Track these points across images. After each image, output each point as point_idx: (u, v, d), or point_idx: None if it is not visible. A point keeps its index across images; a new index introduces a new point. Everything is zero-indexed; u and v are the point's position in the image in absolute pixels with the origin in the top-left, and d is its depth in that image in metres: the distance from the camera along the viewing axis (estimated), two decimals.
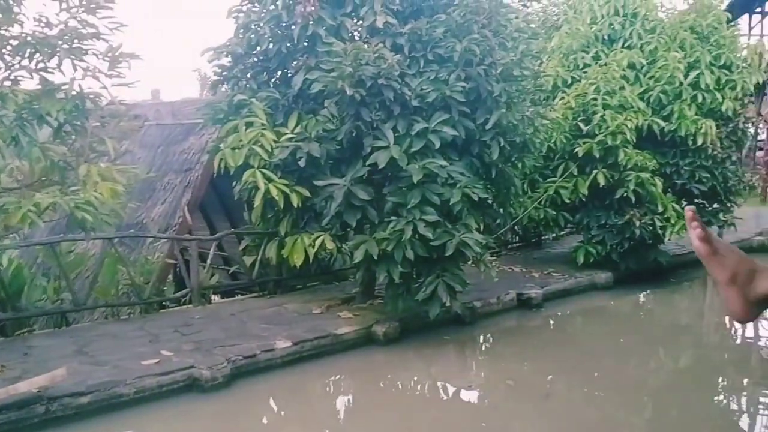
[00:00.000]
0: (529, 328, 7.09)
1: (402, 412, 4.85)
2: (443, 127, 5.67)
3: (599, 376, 5.70)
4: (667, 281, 9.35)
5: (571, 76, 9.13)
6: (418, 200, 5.53)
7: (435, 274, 5.71)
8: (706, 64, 8.99)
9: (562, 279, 8.31)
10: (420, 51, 5.95)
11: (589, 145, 8.25)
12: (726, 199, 9.50)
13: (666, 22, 9.45)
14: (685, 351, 6.85)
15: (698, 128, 8.69)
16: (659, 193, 8.52)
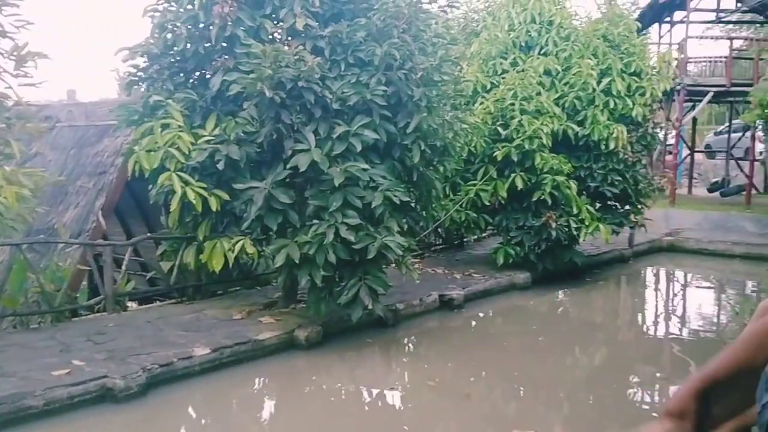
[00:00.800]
0: (450, 329, 7.18)
1: (325, 416, 4.82)
2: (364, 131, 5.68)
3: (518, 374, 5.83)
4: (583, 280, 9.68)
5: (490, 82, 9.33)
6: (339, 203, 5.52)
7: (357, 277, 5.72)
8: (617, 72, 9.35)
9: (482, 280, 8.47)
10: (341, 54, 5.95)
11: (507, 149, 8.44)
12: (637, 201, 9.90)
13: (580, 30, 9.78)
14: (600, 348, 7.09)
15: (610, 133, 9.03)
16: (574, 195, 8.80)
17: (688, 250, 12.56)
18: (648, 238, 12.02)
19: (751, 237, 12.77)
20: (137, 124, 5.96)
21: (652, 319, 8.79)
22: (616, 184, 9.36)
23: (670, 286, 11.47)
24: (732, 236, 12.76)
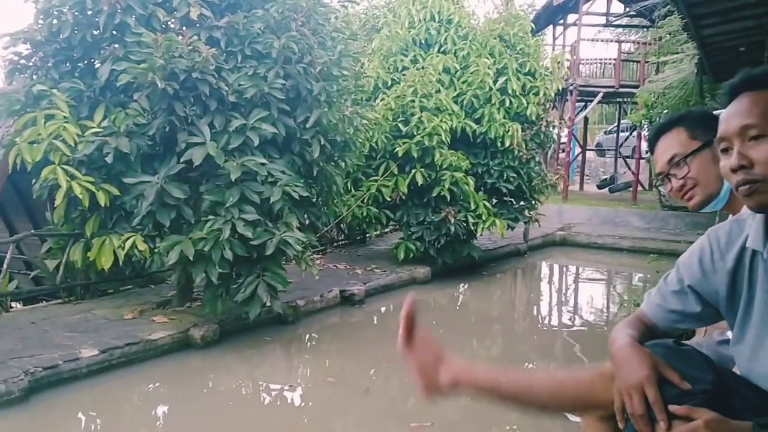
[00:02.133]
0: (351, 325, 7.19)
1: (223, 416, 4.70)
2: (262, 125, 5.58)
3: None
4: (480, 274, 9.93)
5: (391, 78, 9.40)
6: (236, 199, 5.40)
7: (255, 274, 5.61)
8: (512, 71, 9.63)
9: (383, 275, 8.53)
10: (237, 46, 5.82)
11: (407, 145, 8.53)
12: (531, 197, 10.25)
13: (477, 29, 10.00)
14: (498, 339, 7.28)
15: (506, 131, 9.29)
16: (472, 191, 9.01)
17: (579, 243, 13.13)
18: (542, 233, 12.48)
19: (636, 231, 13.48)
20: (19, 114, 5.61)
21: (546, 311, 9.11)
22: (511, 181, 9.64)
23: (563, 279, 11.94)
24: (619, 230, 13.44)
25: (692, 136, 2.01)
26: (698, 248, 1.58)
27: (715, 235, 1.57)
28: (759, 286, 1.47)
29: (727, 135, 1.40)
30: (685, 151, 2.01)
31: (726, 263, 1.51)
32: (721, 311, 1.56)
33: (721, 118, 1.43)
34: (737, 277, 1.50)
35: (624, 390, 1.44)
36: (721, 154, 1.42)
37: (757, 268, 1.47)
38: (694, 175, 2.01)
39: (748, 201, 1.38)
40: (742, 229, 1.52)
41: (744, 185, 1.36)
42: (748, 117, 1.37)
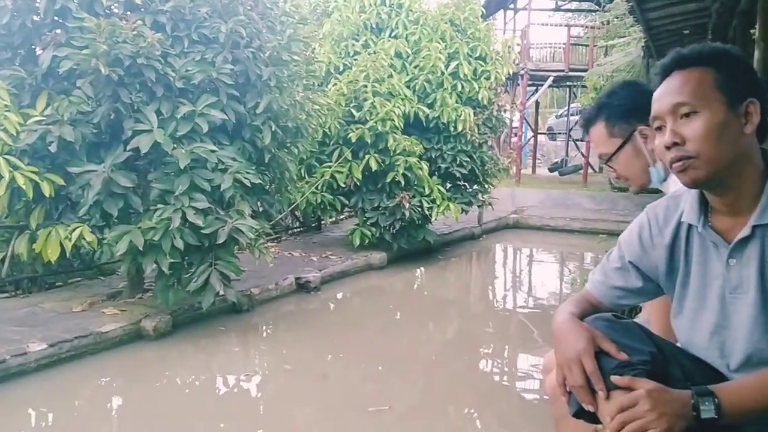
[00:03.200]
0: (308, 312, 7.16)
1: (178, 407, 4.64)
2: (211, 111, 5.48)
3: (375, 352, 5.90)
4: (436, 258, 10.00)
5: (343, 63, 9.34)
6: (186, 187, 5.30)
7: (207, 263, 5.53)
8: (464, 56, 9.66)
9: (339, 261, 8.52)
10: (184, 30, 5.69)
11: (361, 130, 8.50)
12: (484, 181, 10.34)
13: (428, 14, 9.99)
14: (454, 322, 7.33)
15: (458, 115, 9.33)
16: (426, 176, 9.04)
17: (532, 226, 13.33)
18: (496, 216, 12.61)
19: (587, 213, 13.74)
20: None
21: (501, 293, 9.22)
22: (464, 165, 9.70)
23: (517, 261, 12.10)
24: (571, 212, 13.67)
25: (611, 134, 2.06)
26: (637, 225, 1.62)
27: (653, 212, 1.61)
28: (695, 259, 1.51)
29: (659, 114, 1.43)
30: (608, 152, 2.06)
31: (664, 238, 1.55)
32: (661, 285, 1.60)
33: (654, 98, 1.46)
34: (675, 251, 1.55)
35: (564, 363, 1.47)
36: (656, 132, 1.45)
37: (693, 242, 1.52)
38: (621, 173, 2.08)
39: (682, 177, 1.41)
40: (678, 205, 1.56)
41: (678, 161, 1.38)
42: (679, 95, 1.40)
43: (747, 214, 1.42)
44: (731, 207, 1.45)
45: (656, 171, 2.05)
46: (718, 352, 1.48)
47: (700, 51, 1.46)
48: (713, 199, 1.48)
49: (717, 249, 1.47)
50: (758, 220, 1.40)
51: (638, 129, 2.04)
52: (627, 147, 2.05)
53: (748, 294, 1.42)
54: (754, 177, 1.41)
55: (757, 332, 1.41)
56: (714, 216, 1.49)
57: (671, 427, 1.30)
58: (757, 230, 1.41)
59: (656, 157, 2.03)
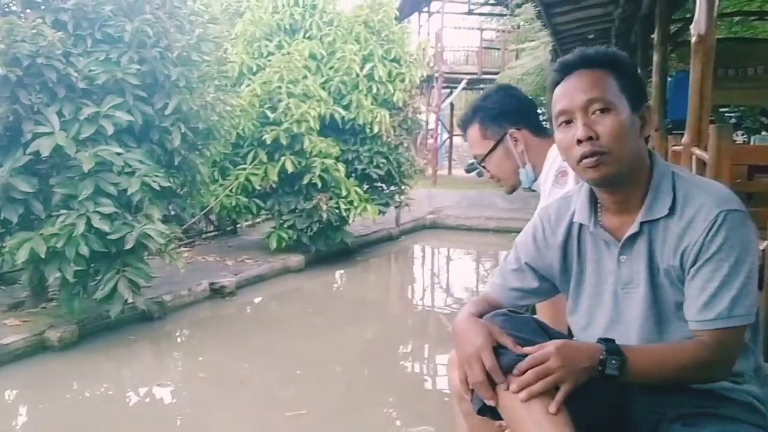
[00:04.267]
0: (223, 317, 7.01)
1: (89, 420, 4.44)
2: (116, 112, 5.29)
3: (294, 356, 5.83)
4: (355, 260, 9.99)
5: (256, 64, 9.20)
6: (91, 191, 5.09)
7: (115, 270, 5.33)
8: (379, 58, 9.70)
9: (255, 265, 8.38)
10: (87, 29, 5.46)
11: (276, 132, 8.40)
12: (401, 182, 10.42)
13: (343, 15, 9.98)
14: (373, 323, 7.34)
15: (374, 117, 9.36)
16: (343, 178, 9.02)
17: (449, 226, 13.53)
18: (413, 217, 12.74)
19: (501, 212, 14.06)
20: None
21: (420, 292, 9.31)
22: (381, 166, 9.75)
23: (434, 260, 12.25)
24: (486, 212, 13.96)
25: (484, 136, 2.12)
26: (531, 227, 1.66)
27: (545, 213, 1.65)
28: (588, 257, 1.56)
29: (570, 108, 1.45)
30: (482, 153, 2.12)
31: (557, 238, 1.59)
32: (557, 284, 1.64)
33: (560, 93, 1.48)
34: (567, 250, 1.59)
35: (464, 361, 1.48)
36: (562, 127, 1.47)
37: (585, 241, 1.56)
38: (494, 173, 2.15)
39: (593, 173, 1.43)
40: (569, 205, 1.60)
41: (590, 156, 1.41)
42: (592, 92, 1.43)
43: (635, 211, 1.47)
44: (621, 205, 1.50)
45: (526, 172, 2.13)
46: None
47: (605, 54, 1.50)
48: (605, 198, 1.52)
49: (608, 247, 1.52)
50: (645, 217, 1.45)
51: (509, 132, 2.10)
52: (499, 149, 2.11)
53: (639, 289, 1.47)
54: (644, 177, 1.47)
55: (648, 325, 1.47)
56: (604, 215, 1.54)
57: (576, 378, 1.36)
58: (644, 226, 1.46)
59: (525, 159, 2.10)
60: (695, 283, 1.39)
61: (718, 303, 1.36)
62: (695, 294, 1.39)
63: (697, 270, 1.38)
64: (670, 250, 1.43)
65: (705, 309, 1.37)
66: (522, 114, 2.15)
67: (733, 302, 1.36)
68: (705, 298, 1.37)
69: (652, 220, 1.45)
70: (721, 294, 1.36)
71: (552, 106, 1.51)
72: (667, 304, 1.46)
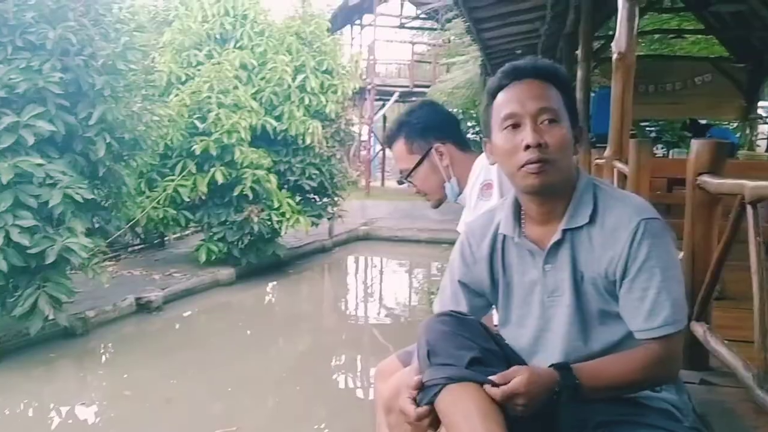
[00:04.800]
0: (150, 333, 6.82)
1: None
2: (38, 122, 5.11)
3: (224, 372, 5.72)
4: (287, 273, 9.90)
5: (185, 73, 9.03)
6: (9, 203, 4.89)
7: (35, 285, 5.12)
8: (311, 69, 9.69)
9: (184, 279, 8.20)
10: (7, 36, 5.27)
11: (206, 143, 8.26)
12: (333, 193, 10.40)
13: (274, 26, 9.93)
14: (306, 336, 7.29)
15: (306, 128, 9.32)
16: (275, 189, 8.95)
17: (382, 237, 13.57)
18: (346, 229, 12.72)
19: (433, 223, 14.16)
20: None
21: (353, 304, 9.30)
22: (313, 178, 9.71)
23: (368, 272, 12.27)
24: (418, 223, 14.06)
25: (410, 150, 2.14)
26: (459, 245, 1.68)
27: (470, 229, 1.67)
28: (514, 269, 1.59)
29: (520, 113, 1.46)
30: (408, 168, 2.14)
31: (483, 251, 1.62)
32: (489, 297, 1.66)
33: (508, 98, 1.49)
34: (494, 263, 1.61)
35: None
36: (508, 131, 1.48)
37: (510, 252, 1.59)
38: (420, 188, 2.17)
39: (534, 179, 1.45)
40: (492, 219, 1.63)
41: (537, 163, 1.43)
42: (544, 101, 1.47)
43: (558, 221, 1.50)
44: (546, 216, 1.53)
45: (451, 186, 2.16)
46: (541, 355, 1.56)
47: (555, 69, 1.54)
48: (532, 208, 1.55)
49: (533, 256, 1.54)
50: (567, 225, 1.48)
51: (434, 146, 2.13)
52: (425, 163, 2.14)
53: (564, 296, 1.50)
54: (570, 188, 1.51)
55: (573, 331, 1.50)
56: (527, 226, 1.56)
57: (536, 403, 1.37)
58: (567, 234, 1.49)
59: (451, 173, 2.14)
60: (633, 294, 1.43)
61: (661, 310, 1.40)
62: (636, 304, 1.42)
63: (632, 281, 1.42)
64: (594, 259, 1.47)
65: (650, 317, 1.41)
66: (446, 128, 2.18)
67: (674, 306, 1.41)
68: (648, 306, 1.41)
69: (574, 228, 1.49)
70: (661, 300, 1.40)
71: (495, 109, 1.52)
72: (590, 311, 1.50)
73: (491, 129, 1.54)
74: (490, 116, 1.53)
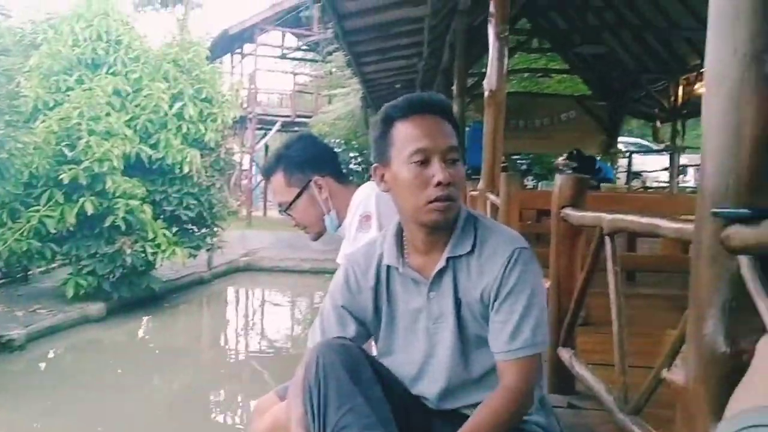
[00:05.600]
0: (10, 374, 6.33)
1: None
2: None
3: (95, 413, 5.41)
4: (162, 306, 9.52)
5: (53, 99, 8.58)
6: None
7: None
8: (189, 97, 9.48)
9: (49, 315, 7.69)
10: None
11: (74, 171, 7.86)
12: (212, 223, 10.17)
13: (150, 52, 9.66)
14: (183, 373, 7.03)
15: (184, 157, 9.08)
16: (150, 219, 8.62)
17: (264, 268, 13.36)
18: (227, 260, 12.43)
19: (316, 253, 14.10)
20: None
21: (233, 338, 9.07)
22: (191, 208, 9.45)
23: (249, 304, 12.03)
24: (301, 253, 13.96)
25: (288, 183, 2.16)
26: (343, 273, 1.69)
27: (354, 259, 1.69)
28: (399, 298, 1.62)
29: (431, 149, 1.48)
30: (287, 201, 2.16)
31: (368, 282, 1.64)
32: (370, 326, 1.67)
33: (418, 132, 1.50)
34: (378, 293, 1.64)
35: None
36: (415, 165, 1.48)
37: (395, 282, 1.62)
38: (299, 221, 2.19)
39: (439, 215, 1.49)
40: (375, 249, 1.66)
41: (445, 200, 1.46)
42: (452, 140, 1.51)
43: (441, 250, 1.55)
44: (431, 246, 1.56)
45: (330, 219, 2.18)
46: (425, 381, 1.60)
47: (451, 107, 1.61)
48: (420, 239, 1.58)
49: (417, 285, 1.57)
50: (451, 253, 1.53)
51: (313, 179, 2.15)
52: (304, 196, 2.15)
53: (447, 322, 1.55)
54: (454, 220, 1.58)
55: (455, 357, 1.55)
56: (411, 255, 1.60)
57: None
58: (450, 262, 1.54)
59: (330, 206, 2.16)
60: (499, 317, 1.49)
61: (521, 333, 1.47)
62: (500, 327, 1.49)
63: (500, 304, 1.49)
64: (472, 286, 1.52)
65: (511, 340, 1.47)
66: (325, 161, 2.19)
67: (534, 331, 1.47)
68: (510, 329, 1.47)
69: (457, 257, 1.54)
70: (523, 324, 1.47)
71: (398, 140, 1.51)
72: (470, 336, 1.55)
73: (388, 158, 1.53)
74: (388, 145, 1.53)
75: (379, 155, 1.56)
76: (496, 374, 1.52)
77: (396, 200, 1.56)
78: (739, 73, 1.14)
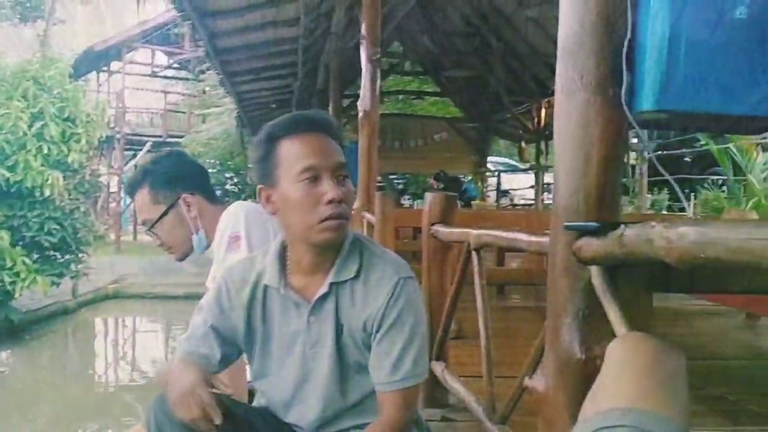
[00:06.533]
0: None
1: None
2: None
3: None
4: (23, 339, 8.89)
5: None
6: None
7: None
8: (50, 116, 8.97)
9: None
10: None
11: None
12: (77, 249, 9.62)
13: (7, 69, 9.08)
14: (47, 409, 6.60)
15: (45, 179, 8.57)
16: (7, 246, 8.06)
17: (134, 295, 12.77)
18: (93, 287, 11.79)
19: (190, 277, 13.68)
20: None
21: (102, 369, 8.60)
22: (53, 233, 8.91)
23: (119, 333, 11.45)
24: (174, 278, 13.48)
25: (155, 201, 2.10)
26: (216, 289, 1.64)
27: (230, 275, 1.64)
28: (275, 320, 1.58)
29: (322, 166, 1.45)
30: (152, 219, 2.09)
31: (242, 299, 1.59)
32: (241, 346, 1.63)
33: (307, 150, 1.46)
34: (252, 312, 1.60)
35: (178, 401, 1.42)
36: (307, 183, 1.45)
37: (272, 303, 1.59)
38: (164, 240, 2.12)
39: (331, 234, 1.45)
40: (253, 266, 1.61)
41: (337, 219, 1.44)
42: (340, 157, 1.49)
43: (325, 273, 1.51)
44: (317, 267, 1.53)
45: (199, 239, 2.13)
46: (300, 406, 1.57)
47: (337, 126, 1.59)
48: (306, 259, 1.54)
49: (297, 308, 1.53)
50: (335, 278, 1.50)
51: (182, 197, 2.09)
52: (170, 214, 2.07)
53: (326, 348, 1.52)
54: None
55: (332, 383, 1.52)
56: (292, 275, 1.55)
57: None
58: (333, 287, 1.51)
59: (199, 225, 2.11)
60: (381, 347, 1.48)
61: (403, 364, 1.47)
62: (382, 358, 1.48)
63: (382, 336, 1.48)
64: (355, 314, 1.50)
65: (393, 371, 1.47)
66: (196, 179, 2.13)
67: (415, 362, 1.48)
68: (392, 360, 1.47)
69: (340, 282, 1.51)
70: (405, 356, 1.47)
71: (285, 159, 1.47)
72: (349, 363, 1.54)
73: (275, 178, 1.48)
74: (273, 165, 1.48)
75: (263, 176, 1.50)
76: (373, 399, 1.52)
77: (284, 221, 1.51)
78: (586, 97, 1.24)
